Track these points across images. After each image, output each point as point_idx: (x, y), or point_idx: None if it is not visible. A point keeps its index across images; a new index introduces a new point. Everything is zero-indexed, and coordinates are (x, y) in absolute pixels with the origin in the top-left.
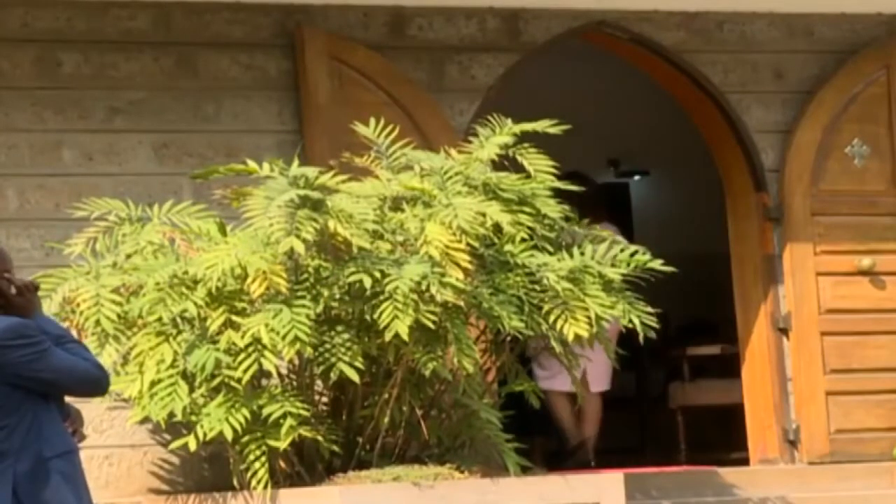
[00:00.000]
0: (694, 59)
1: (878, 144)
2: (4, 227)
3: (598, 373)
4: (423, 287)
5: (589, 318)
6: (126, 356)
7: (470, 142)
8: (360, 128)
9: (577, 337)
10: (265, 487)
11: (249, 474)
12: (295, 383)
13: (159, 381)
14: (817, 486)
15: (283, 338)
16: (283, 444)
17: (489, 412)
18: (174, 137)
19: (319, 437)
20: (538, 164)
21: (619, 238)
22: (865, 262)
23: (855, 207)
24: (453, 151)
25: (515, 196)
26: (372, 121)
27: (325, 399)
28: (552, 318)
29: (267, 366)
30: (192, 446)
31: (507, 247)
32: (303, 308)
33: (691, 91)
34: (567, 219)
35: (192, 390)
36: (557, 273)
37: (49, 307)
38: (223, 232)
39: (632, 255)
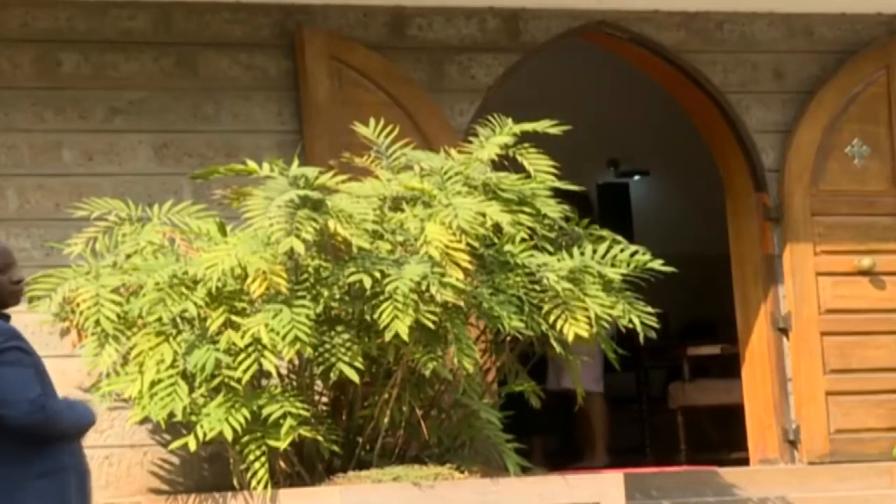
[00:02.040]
0: (694, 59)
1: (878, 144)
2: (4, 227)
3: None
4: (423, 287)
5: (589, 318)
6: (126, 356)
7: (470, 142)
8: (360, 128)
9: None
10: (265, 487)
11: (249, 474)
12: (295, 383)
13: (159, 381)
14: (817, 486)
15: (283, 338)
16: (282, 445)
17: (489, 412)
18: (174, 137)
19: (319, 437)
20: (538, 164)
21: None
22: (865, 262)
23: (855, 207)
24: (453, 151)
25: (515, 196)
26: (372, 121)
27: (324, 399)
28: (552, 318)
29: (267, 366)
30: (192, 446)
31: (507, 247)
32: (303, 308)
33: (691, 91)
34: (567, 219)
35: (192, 390)
36: (557, 273)
37: (49, 307)
38: (223, 232)
39: (632, 255)
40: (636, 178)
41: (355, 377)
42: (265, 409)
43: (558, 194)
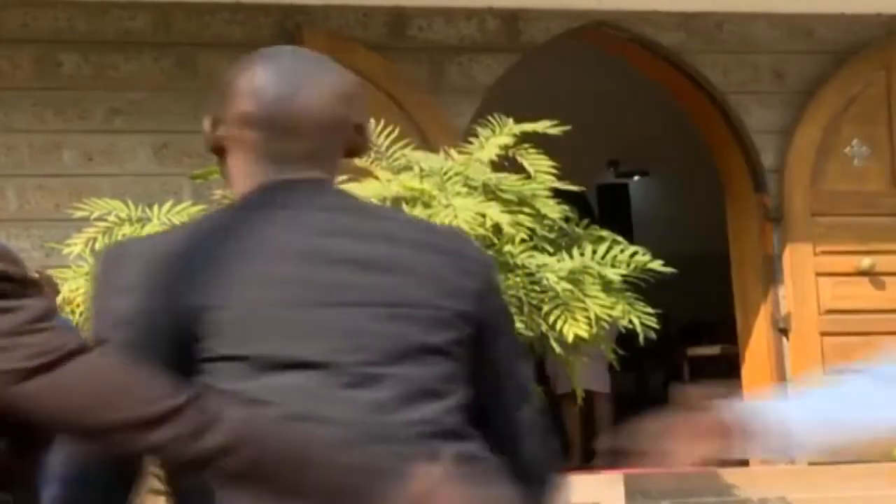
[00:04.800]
0: (694, 59)
1: (878, 144)
2: (4, 227)
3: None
4: None
5: (589, 318)
6: None
7: (470, 142)
8: None
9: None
10: None
11: None
12: None
13: None
14: (817, 486)
15: None
16: None
17: None
18: (174, 138)
19: None
20: (538, 164)
21: None
22: (865, 262)
23: (855, 207)
24: (453, 152)
25: (515, 197)
26: (371, 121)
27: None
28: (552, 318)
29: None
30: None
31: (507, 247)
32: None
33: (691, 91)
34: (567, 219)
35: None
36: (557, 274)
37: None
38: None
39: (631, 255)
40: (636, 178)
41: None
42: None
43: (558, 195)
